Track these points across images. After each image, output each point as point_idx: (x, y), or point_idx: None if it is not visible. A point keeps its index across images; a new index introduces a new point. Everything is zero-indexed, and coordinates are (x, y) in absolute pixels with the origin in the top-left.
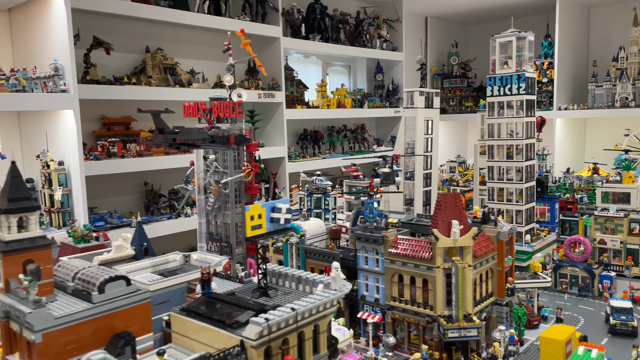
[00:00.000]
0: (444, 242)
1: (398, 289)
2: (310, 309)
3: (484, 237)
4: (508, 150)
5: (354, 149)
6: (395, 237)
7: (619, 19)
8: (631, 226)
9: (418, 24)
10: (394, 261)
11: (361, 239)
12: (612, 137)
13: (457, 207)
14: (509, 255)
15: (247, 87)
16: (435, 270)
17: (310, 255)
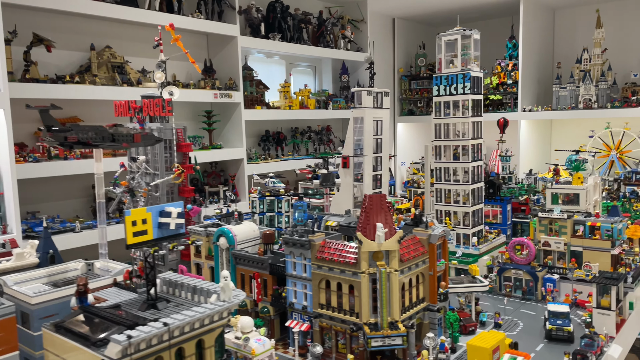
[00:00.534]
0: (368, 246)
1: (325, 296)
2: (191, 323)
3: (413, 240)
4: (455, 151)
5: (319, 151)
6: (323, 241)
7: (583, 21)
8: (575, 228)
9: (385, 25)
10: (321, 266)
11: (289, 243)
12: (577, 139)
13: (382, 209)
14: (442, 259)
15: (202, 87)
16: (360, 275)
17: (240, 261)
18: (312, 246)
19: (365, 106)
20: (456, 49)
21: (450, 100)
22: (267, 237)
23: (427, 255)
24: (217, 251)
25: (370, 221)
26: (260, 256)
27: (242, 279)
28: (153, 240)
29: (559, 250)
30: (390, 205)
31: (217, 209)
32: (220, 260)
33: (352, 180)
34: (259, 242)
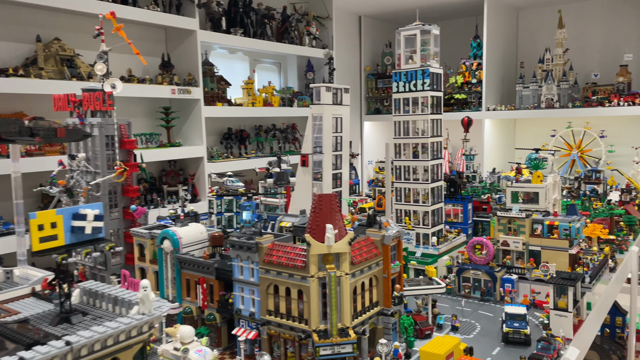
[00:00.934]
0: (317, 249)
1: (274, 302)
2: (101, 340)
3: (366, 241)
4: (414, 149)
5: (284, 149)
6: (272, 243)
7: (545, 22)
8: (533, 227)
9: (351, 22)
10: (269, 271)
11: (235, 246)
12: (540, 138)
13: (332, 209)
14: (396, 261)
15: (160, 82)
16: (309, 280)
17: (185, 265)
18: (260, 249)
19: (325, 103)
20: (415, 44)
21: (409, 97)
22: (215, 240)
23: (380, 257)
24: (161, 255)
25: (319, 222)
26: (206, 260)
27: (188, 284)
28: (65, 246)
29: (518, 249)
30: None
31: (172, 210)
32: (164, 265)
33: (312, 179)
34: (206, 244)
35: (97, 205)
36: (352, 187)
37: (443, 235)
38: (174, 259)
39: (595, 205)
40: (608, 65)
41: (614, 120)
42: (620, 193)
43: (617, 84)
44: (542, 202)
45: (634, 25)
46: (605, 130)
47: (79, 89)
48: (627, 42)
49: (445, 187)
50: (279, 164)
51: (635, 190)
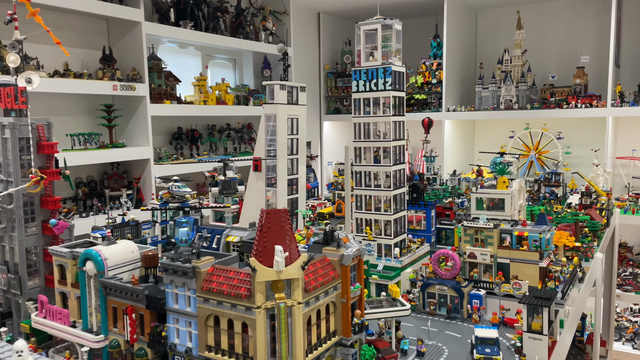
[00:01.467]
0: (264, 275)
1: (214, 336)
2: None
3: (323, 262)
4: (375, 153)
5: (239, 150)
6: (212, 267)
7: (504, 22)
8: (502, 238)
9: (310, 18)
10: (208, 299)
11: (168, 270)
12: (499, 139)
13: (283, 227)
14: (357, 283)
15: (100, 78)
16: (255, 311)
17: (111, 291)
18: (197, 274)
19: (279, 102)
20: (376, 40)
21: (370, 97)
22: (148, 260)
23: (339, 280)
24: (83, 278)
25: (267, 243)
26: (135, 286)
27: (115, 313)
28: None
29: (486, 262)
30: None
31: (110, 219)
32: (87, 290)
33: (265, 185)
34: (139, 265)
35: None
36: (311, 191)
37: (406, 246)
38: (98, 284)
39: (555, 208)
40: (565, 67)
41: (571, 122)
42: (581, 196)
43: (574, 86)
44: (508, 209)
45: (592, 28)
46: (562, 132)
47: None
48: (584, 44)
49: (407, 192)
50: (224, 171)
51: (595, 193)
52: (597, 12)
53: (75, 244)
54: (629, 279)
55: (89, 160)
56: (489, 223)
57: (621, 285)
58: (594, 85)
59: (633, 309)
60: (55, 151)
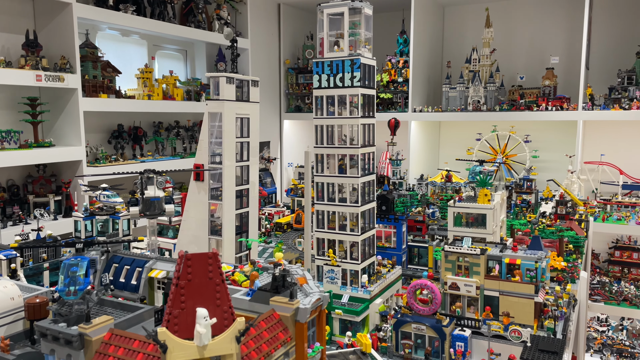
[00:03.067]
0: (180, 353)
1: None
2: None
3: (269, 321)
4: (340, 161)
5: (189, 150)
6: (109, 333)
7: (473, 20)
8: (489, 265)
9: (269, 9)
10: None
11: (47, 336)
12: (465, 142)
13: (211, 280)
14: (317, 343)
15: (21, 66)
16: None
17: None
18: (87, 343)
19: (225, 98)
20: (342, 26)
21: (335, 95)
22: (33, 312)
23: (292, 344)
24: None
25: (185, 304)
26: (3, 352)
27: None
28: None
29: (470, 295)
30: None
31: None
32: None
33: (209, 198)
34: (21, 316)
35: None
36: (268, 198)
37: (375, 272)
38: None
39: (529, 217)
40: (534, 67)
41: (538, 125)
42: (555, 205)
43: (543, 87)
44: (490, 226)
45: (562, 28)
46: (530, 135)
47: None
48: (554, 45)
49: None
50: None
51: (571, 201)
52: (568, 12)
53: None
54: (597, 288)
55: (8, 161)
56: (474, 247)
57: (590, 295)
58: (563, 87)
59: (600, 319)
60: None
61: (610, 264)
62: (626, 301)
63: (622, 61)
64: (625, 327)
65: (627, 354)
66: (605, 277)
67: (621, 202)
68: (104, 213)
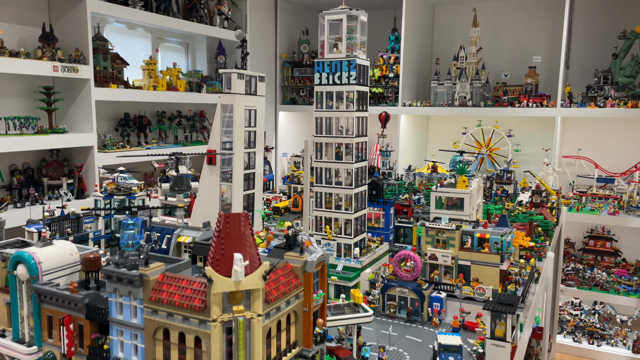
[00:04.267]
0: (221, 286)
1: (163, 350)
2: None
3: (285, 270)
4: (337, 149)
5: (190, 139)
6: (161, 275)
7: (461, 19)
8: (463, 239)
9: (267, 5)
10: (157, 311)
11: (112, 278)
12: (452, 135)
13: (243, 233)
14: (320, 290)
15: (39, 57)
16: (210, 325)
17: (45, 298)
18: (145, 283)
19: (236, 92)
20: (341, 31)
21: (333, 91)
22: (89, 264)
23: (301, 289)
24: (14, 284)
25: (225, 250)
26: (73, 293)
27: (50, 323)
28: None
29: (446, 264)
30: (268, 202)
31: (47, 212)
32: (18, 297)
33: (220, 180)
34: (79, 269)
35: None
36: (266, 184)
37: (366, 246)
38: (31, 290)
39: (507, 206)
40: (518, 66)
41: (521, 120)
42: (531, 194)
43: (525, 85)
44: (467, 208)
45: (544, 29)
46: (513, 130)
47: None
48: (537, 45)
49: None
50: (177, 167)
51: (545, 191)
52: (550, 13)
53: (6, 243)
54: (571, 274)
55: (25, 146)
56: (451, 224)
57: (564, 280)
58: (545, 85)
59: (574, 303)
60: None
61: (585, 252)
62: (597, 286)
63: (601, 61)
64: (597, 312)
65: (598, 335)
66: (579, 265)
67: (595, 194)
68: (121, 193)
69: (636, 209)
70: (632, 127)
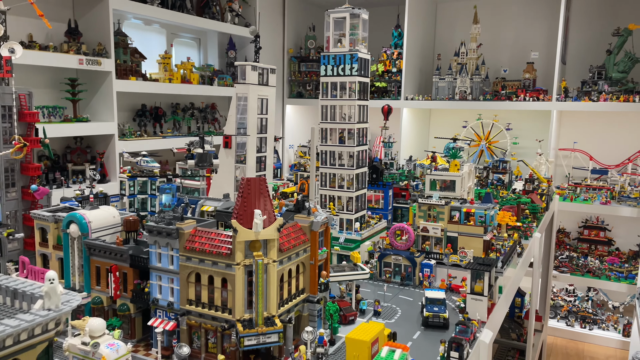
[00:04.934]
0: (244, 235)
1: (195, 291)
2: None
3: (295, 227)
4: (340, 134)
5: (203, 129)
6: (194, 229)
7: (462, 16)
8: (452, 214)
9: (275, 3)
10: (191, 258)
11: (153, 232)
12: (453, 128)
13: (262, 194)
14: (324, 247)
15: (65, 51)
16: (234, 267)
17: (95, 251)
18: (181, 235)
19: (250, 82)
20: (344, 27)
21: (337, 82)
22: (129, 224)
23: (308, 244)
24: (67, 240)
25: (247, 207)
26: (119, 246)
27: (98, 273)
28: None
29: (437, 235)
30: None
31: (78, 191)
32: (70, 251)
33: (235, 162)
34: (120, 229)
35: None
36: (274, 172)
37: (365, 221)
38: (81, 245)
39: (501, 193)
40: (516, 61)
41: (519, 114)
42: (524, 182)
43: (523, 80)
44: (459, 190)
45: (542, 26)
46: (511, 123)
47: None
48: (535, 41)
49: (368, 173)
50: (202, 145)
51: (537, 180)
52: (548, 11)
53: (56, 209)
54: (565, 261)
55: (53, 133)
56: (441, 201)
57: (558, 267)
58: (542, 80)
59: (568, 289)
60: (37, 120)
61: (580, 241)
62: (590, 272)
63: (596, 57)
64: (590, 298)
65: (590, 320)
66: (574, 253)
67: (590, 185)
68: (144, 175)
69: (627, 199)
70: (626, 121)
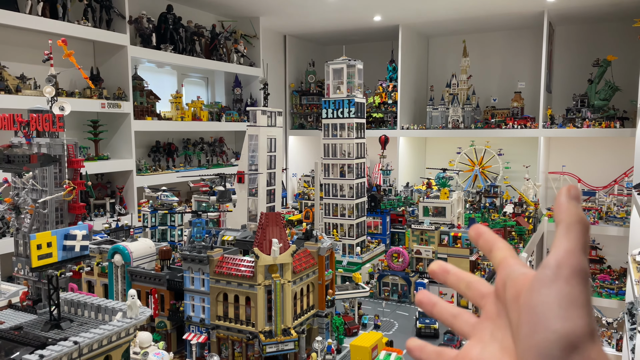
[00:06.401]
0: (264, 260)
1: (223, 308)
2: (99, 341)
3: (305, 253)
4: (341, 168)
5: (212, 162)
6: (221, 256)
7: (452, 50)
8: (441, 237)
9: (277, 41)
10: (219, 280)
11: (187, 259)
12: (447, 155)
13: (278, 225)
14: (329, 269)
15: (89, 96)
16: (256, 287)
17: (136, 277)
18: (211, 261)
19: (260, 125)
20: (342, 76)
21: (337, 123)
22: (164, 254)
23: (316, 266)
24: (111, 269)
25: (266, 237)
26: (158, 272)
27: (139, 295)
28: (58, 263)
29: (429, 257)
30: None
31: (106, 224)
32: (114, 278)
33: (247, 195)
34: (155, 258)
35: (84, 227)
36: (281, 201)
37: (365, 246)
38: (124, 272)
39: (493, 216)
40: (505, 91)
41: (509, 140)
42: (514, 206)
43: (512, 108)
44: (449, 216)
45: (528, 57)
46: (503, 149)
47: (8, 103)
48: (521, 72)
49: (367, 201)
50: (224, 183)
51: (525, 203)
52: (532, 43)
53: (99, 242)
54: None
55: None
56: (432, 226)
57: None
58: (530, 108)
59: None
60: (82, 166)
61: None
62: None
63: (579, 86)
64: None
65: None
66: None
67: None
68: (164, 209)
69: (614, 219)
70: (610, 145)
